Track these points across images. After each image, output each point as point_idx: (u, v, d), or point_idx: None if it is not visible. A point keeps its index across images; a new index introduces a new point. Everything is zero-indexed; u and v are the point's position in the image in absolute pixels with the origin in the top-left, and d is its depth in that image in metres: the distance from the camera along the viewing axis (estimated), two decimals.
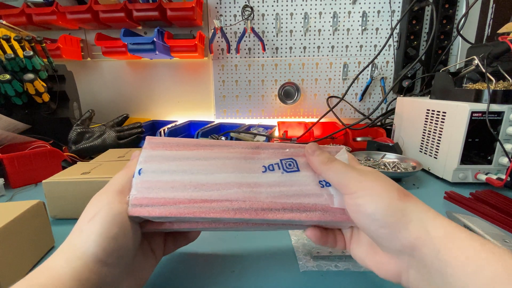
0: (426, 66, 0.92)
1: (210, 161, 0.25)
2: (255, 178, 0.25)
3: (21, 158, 0.53)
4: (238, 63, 1.00)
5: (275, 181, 0.25)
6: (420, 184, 0.55)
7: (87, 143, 0.65)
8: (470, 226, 0.36)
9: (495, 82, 0.52)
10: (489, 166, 0.52)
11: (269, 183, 0.25)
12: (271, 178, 0.25)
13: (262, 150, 0.26)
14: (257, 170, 0.25)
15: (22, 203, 0.31)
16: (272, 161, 0.26)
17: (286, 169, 0.25)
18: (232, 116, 1.06)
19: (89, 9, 0.85)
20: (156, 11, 0.84)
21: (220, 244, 0.35)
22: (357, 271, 0.30)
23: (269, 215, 0.23)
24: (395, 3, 0.92)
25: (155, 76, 1.05)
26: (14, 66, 0.67)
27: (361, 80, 1.00)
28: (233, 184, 0.24)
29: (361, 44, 0.97)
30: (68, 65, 0.85)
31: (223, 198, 0.23)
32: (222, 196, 0.23)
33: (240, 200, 0.23)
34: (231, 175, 0.24)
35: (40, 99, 0.70)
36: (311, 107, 1.04)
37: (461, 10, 0.89)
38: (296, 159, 0.26)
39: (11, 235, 0.27)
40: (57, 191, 0.39)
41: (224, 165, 0.25)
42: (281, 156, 0.26)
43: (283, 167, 0.25)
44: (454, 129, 0.52)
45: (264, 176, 0.25)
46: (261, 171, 0.25)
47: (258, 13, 0.95)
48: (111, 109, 1.07)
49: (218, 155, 0.25)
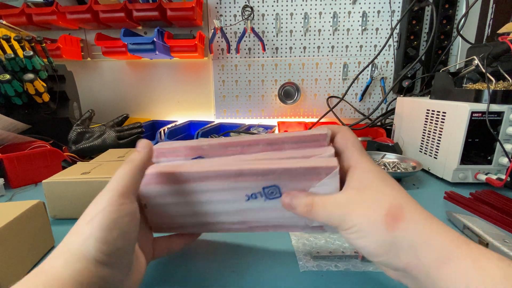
0: (426, 66, 0.92)
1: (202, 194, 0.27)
2: (240, 206, 0.27)
3: (21, 158, 0.53)
4: (238, 63, 1.00)
5: (259, 207, 0.27)
6: (420, 184, 0.55)
7: (87, 143, 0.65)
8: (470, 226, 0.36)
9: (495, 82, 0.52)
10: (489, 166, 0.52)
11: (253, 209, 0.27)
12: (255, 205, 0.26)
13: (244, 177, 0.25)
14: (240, 199, 0.26)
15: (22, 203, 0.31)
16: (255, 191, 0.26)
17: (269, 197, 0.26)
18: (232, 116, 1.06)
19: (89, 9, 0.85)
20: (156, 11, 0.84)
21: (220, 244, 0.35)
22: (357, 271, 0.30)
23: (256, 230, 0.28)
24: (395, 3, 0.92)
25: (155, 76, 1.05)
26: (14, 66, 0.67)
27: (361, 80, 1.00)
28: (222, 213, 0.28)
29: (361, 44, 0.97)
30: (68, 65, 0.85)
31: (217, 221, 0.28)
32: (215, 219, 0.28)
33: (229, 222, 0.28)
34: (218, 206, 0.27)
35: (40, 99, 0.70)
36: (311, 107, 1.04)
37: (461, 10, 0.89)
38: (279, 184, 0.25)
39: (11, 235, 0.27)
40: (57, 191, 0.39)
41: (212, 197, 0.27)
42: (264, 184, 0.25)
43: (265, 195, 0.26)
44: (454, 129, 0.52)
45: (247, 203, 0.26)
46: (244, 200, 0.26)
47: (258, 13, 0.95)
48: (111, 109, 1.07)
49: (208, 188, 0.26)
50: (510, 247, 0.31)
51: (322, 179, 0.24)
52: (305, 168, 0.24)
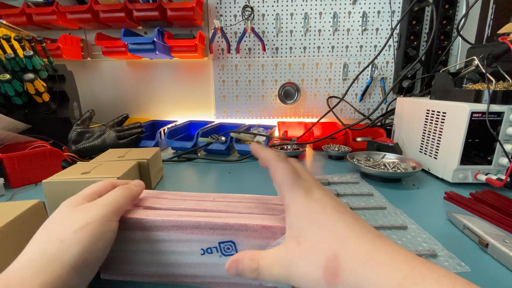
0: (426, 67, 0.92)
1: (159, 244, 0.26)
2: (195, 260, 0.26)
3: (21, 158, 0.53)
4: (238, 63, 1.00)
5: (214, 262, 0.26)
6: (420, 184, 0.55)
7: (87, 143, 0.65)
8: (470, 227, 0.36)
9: (495, 83, 0.52)
10: (489, 167, 0.52)
11: (208, 264, 0.26)
12: (210, 260, 0.26)
13: (201, 230, 0.25)
14: (195, 252, 0.26)
15: (22, 203, 0.31)
16: (211, 245, 0.26)
17: (224, 253, 0.26)
18: (232, 116, 1.06)
19: (89, 9, 0.85)
20: (156, 11, 0.84)
21: None
22: None
23: (206, 285, 0.27)
24: (395, 4, 0.92)
25: (155, 76, 1.05)
26: (14, 66, 0.67)
27: (361, 80, 1.00)
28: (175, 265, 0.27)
29: (361, 44, 0.97)
30: (68, 65, 0.85)
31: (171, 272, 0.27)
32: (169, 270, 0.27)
33: (182, 275, 0.27)
34: (172, 257, 0.27)
35: (40, 99, 0.70)
36: (311, 107, 1.04)
37: (461, 10, 0.89)
38: (235, 240, 0.25)
39: (11, 235, 0.27)
40: (57, 191, 0.39)
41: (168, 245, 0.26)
42: (220, 239, 0.25)
43: (221, 251, 0.26)
44: (454, 129, 0.52)
45: (203, 257, 0.26)
46: (200, 254, 0.26)
47: (258, 13, 0.95)
48: (111, 109, 1.07)
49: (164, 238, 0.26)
50: (510, 247, 0.31)
51: (278, 239, 0.25)
52: (261, 226, 0.25)
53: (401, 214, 0.42)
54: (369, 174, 0.57)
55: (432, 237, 0.36)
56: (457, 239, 0.36)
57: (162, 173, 0.61)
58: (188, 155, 0.74)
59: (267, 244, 0.25)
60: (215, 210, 0.28)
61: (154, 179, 0.53)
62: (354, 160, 0.62)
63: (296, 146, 0.76)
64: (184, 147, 0.77)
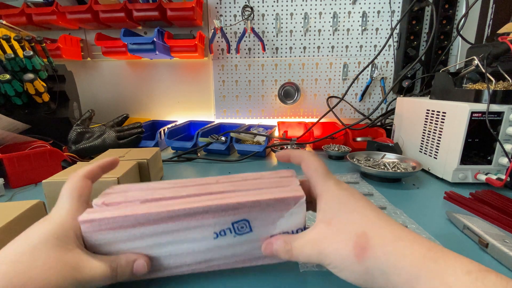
0: (426, 66, 0.92)
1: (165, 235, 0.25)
2: (206, 245, 0.25)
3: (21, 158, 0.53)
4: (238, 63, 1.00)
5: (228, 244, 0.26)
6: (420, 184, 0.55)
7: (87, 143, 0.65)
8: (470, 226, 0.36)
9: (495, 82, 0.52)
10: (489, 166, 0.52)
11: (222, 246, 0.26)
12: (223, 242, 0.26)
13: (212, 214, 0.24)
14: (208, 237, 0.25)
15: (22, 203, 0.31)
16: (223, 227, 0.25)
17: (238, 232, 0.25)
18: (232, 116, 1.06)
19: (89, 9, 0.85)
20: (156, 11, 0.84)
21: None
22: None
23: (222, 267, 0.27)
24: (395, 3, 0.92)
25: (155, 76, 1.05)
26: (14, 66, 0.67)
27: (361, 80, 1.00)
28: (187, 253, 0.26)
29: (361, 44, 0.97)
30: (68, 65, 0.85)
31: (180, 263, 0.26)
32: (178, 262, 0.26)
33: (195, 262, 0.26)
34: (183, 246, 0.25)
35: (40, 99, 0.71)
36: (311, 107, 1.04)
37: (461, 10, 0.89)
38: (249, 218, 0.25)
39: (11, 235, 0.27)
40: (57, 191, 0.38)
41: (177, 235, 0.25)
42: (233, 219, 0.25)
43: (235, 231, 0.25)
44: (454, 129, 0.52)
45: (215, 241, 0.25)
46: (213, 238, 0.25)
47: (258, 13, 0.95)
48: (111, 109, 1.07)
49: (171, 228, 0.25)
50: (510, 247, 0.31)
51: (291, 209, 0.25)
52: (274, 199, 0.25)
53: (401, 214, 0.42)
54: (369, 174, 0.57)
55: (432, 237, 0.36)
56: (457, 239, 0.36)
57: (162, 173, 0.61)
58: (188, 155, 0.74)
59: (281, 216, 0.25)
60: (222, 191, 0.27)
61: (154, 179, 0.53)
62: (354, 160, 0.62)
63: (296, 146, 0.76)
64: (184, 147, 0.77)
